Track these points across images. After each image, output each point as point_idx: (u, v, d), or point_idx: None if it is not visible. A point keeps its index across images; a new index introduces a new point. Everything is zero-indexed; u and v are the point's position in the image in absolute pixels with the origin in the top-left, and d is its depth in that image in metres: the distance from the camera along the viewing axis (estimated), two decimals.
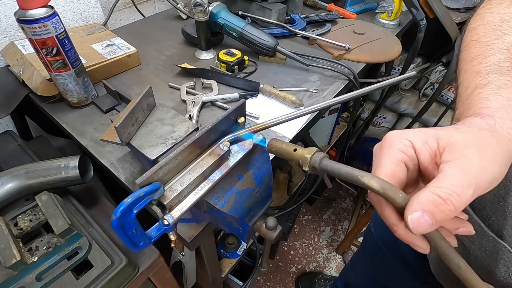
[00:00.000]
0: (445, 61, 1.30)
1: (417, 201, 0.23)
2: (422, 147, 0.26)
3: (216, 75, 0.72)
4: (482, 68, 0.34)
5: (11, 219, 0.46)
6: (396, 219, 0.25)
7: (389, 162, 0.26)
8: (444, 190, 0.22)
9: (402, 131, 0.27)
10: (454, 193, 0.22)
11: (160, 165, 0.31)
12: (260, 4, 0.89)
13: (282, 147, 0.32)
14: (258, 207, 0.40)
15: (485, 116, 0.28)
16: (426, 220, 0.22)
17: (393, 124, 1.72)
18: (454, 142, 0.25)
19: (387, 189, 0.24)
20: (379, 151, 0.28)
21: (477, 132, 0.26)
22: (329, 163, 0.28)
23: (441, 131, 0.26)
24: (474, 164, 0.23)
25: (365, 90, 0.33)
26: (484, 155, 0.24)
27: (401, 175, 0.26)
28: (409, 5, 0.85)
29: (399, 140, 0.27)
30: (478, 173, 0.23)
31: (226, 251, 1.01)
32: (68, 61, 0.58)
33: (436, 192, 0.22)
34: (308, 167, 0.29)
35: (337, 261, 1.57)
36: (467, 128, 0.27)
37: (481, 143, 0.25)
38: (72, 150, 0.76)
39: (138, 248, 0.32)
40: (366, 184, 0.24)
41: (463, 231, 0.27)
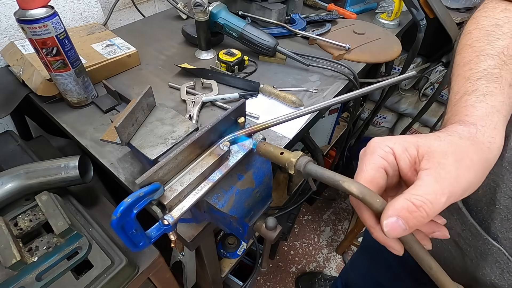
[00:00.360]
0: (445, 61, 1.30)
1: (393, 208, 0.24)
2: (402, 154, 0.27)
3: (216, 75, 0.72)
4: (472, 74, 0.35)
5: (11, 219, 0.46)
6: (374, 222, 0.27)
7: (370, 168, 0.27)
8: (419, 198, 0.24)
9: (385, 138, 0.29)
10: (428, 200, 0.23)
11: (160, 165, 0.31)
12: (260, 4, 0.89)
13: (269, 150, 0.33)
14: (258, 207, 0.40)
15: (468, 124, 0.29)
16: (400, 225, 0.24)
17: (393, 124, 1.72)
18: (433, 150, 0.26)
19: (366, 194, 0.25)
20: (363, 156, 0.29)
21: (457, 141, 0.27)
22: (313, 167, 0.29)
23: (422, 139, 0.27)
24: (449, 173, 0.25)
25: (365, 90, 0.33)
26: (461, 164, 0.25)
27: (380, 180, 0.27)
28: (409, 5, 0.85)
29: (381, 147, 0.28)
30: (452, 182, 0.24)
31: (226, 251, 1.01)
32: (68, 61, 0.58)
33: (410, 199, 0.24)
34: (293, 170, 0.30)
35: (337, 261, 1.57)
36: (448, 137, 0.28)
37: (459, 152, 0.26)
38: (72, 150, 0.76)
39: (138, 248, 0.32)
40: (347, 189, 0.26)
41: (438, 234, 0.28)
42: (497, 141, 0.29)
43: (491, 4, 0.42)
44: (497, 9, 0.40)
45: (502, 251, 0.36)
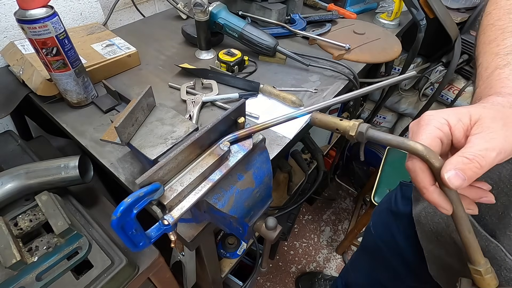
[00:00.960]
0: (445, 61, 1.30)
1: (449, 162, 0.27)
2: (456, 124, 0.29)
3: (216, 75, 0.72)
4: (500, 50, 0.36)
5: (11, 219, 0.46)
6: (428, 183, 0.29)
7: (426, 137, 0.29)
8: (471, 153, 0.26)
9: (438, 111, 0.30)
10: (479, 154, 0.26)
11: (160, 165, 0.31)
12: (260, 4, 0.89)
13: (327, 118, 0.34)
14: (258, 207, 0.40)
15: (506, 95, 0.31)
16: (459, 175, 0.26)
17: (393, 124, 1.72)
18: (483, 117, 0.28)
19: (430, 152, 0.27)
20: (417, 128, 0.31)
21: (501, 109, 0.30)
22: (375, 131, 0.31)
23: (472, 109, 0.29)
24: (498, 134, 0.27)
25: (365, 90, 0.33)
26: (508, 126, 0.27)
27: (436, 149, 0.29)
28: (409, 5, 0.85)
29: (436, 119, 0.30)
30: (501, 140, 0.27)
31: (226, 251, 1.01)
32: (68, 61, 0.58)
33: (463, 155, 0.27)
34: (355, 132, 0.31)
35: (337, 261, 1.57)
36: (493, 106, 0.30)
37: (505, 117, 0.28)
38: (72, 150, 0.76)
39: (138, 248, 0.32)
40: (412, 147, 0.28)
41: (485, 200, 0.31)
42: None
43: None
44: None
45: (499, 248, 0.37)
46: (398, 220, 0.66)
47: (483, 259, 0.30)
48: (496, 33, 0.39)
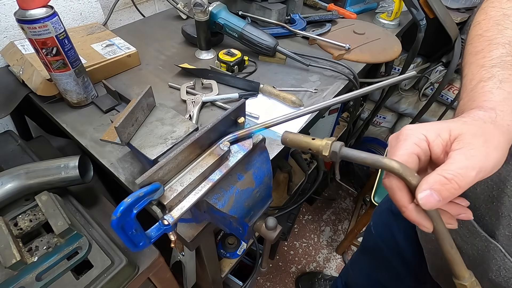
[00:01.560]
0: (445, 61, 1.30)
1: (426, 182, 0.26)
2: (435, 139, 0.29)
3: (216, 75, 0.72)
4: (486, 62, 0.36)
5: (11, 219, 0.46)
6: (407, 201, 0.28)
7: (403, 153, 0.29)
8: (450, 171, 0.26)
9: (417, 125, 0.30)
10: (459, 174, 0.25)
11: (160, 165, 0.31)
12: (260, 4, 0.89)
13: (298, 138, 0.34)
14: (258, 207, 0.40)
15: (487, 109, 0.31)
16: (433, 196, 0.25)
17: (393, 124, 1.72)
18: (464, 132, 0.28)
19: (405, 170, 0.27)
20: (395, 142, 0.30)
21: (482, 124, 0.29)
22: (349, 150, 0.30)
23: (452, 124, 0.29)
24: (479, 151, 0.26)
25: (365, 90, 0.33)
26: (489, 143, 0.27)
27: (413, 165, 0.29)
28: (409, 5, 0.85)
29: (415, 134, 0.29)
30: (482, 158, 0.26)
31: (226, 251, 1.01)
32: (68, 61, 0.58)
33: (442, 174, 0.26)
34: (328, 152, 0.31)
35: (337, 261, 1.57)
36: (473, 121, 0.30)
37: (487, 133, 0.28)
38: (72, 150, 0.76)
39: (138, 248, 0.32)
40: (387, 165, 0.27)
41: (463, 216, 0.31)
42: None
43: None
44: None
45: (499, 248, 0.37)
46: (399, 220, 0.66)
47: (467, 272, 0.29)
48: (483, 44, 0.38)
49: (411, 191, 0.28)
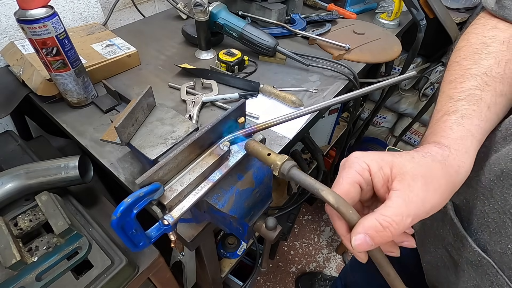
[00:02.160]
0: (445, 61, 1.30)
1: (362, 226, 0.26)
2: (377, 172, 0.29)
3: (216, 75, 0.72)
4: (455, 93, 0.37)
5: (11, 219, 0.46)
6: (345, 231, 0.29)
7: (346, 182, 0.30)
8: (386, 219, 0.26)
9: (363, 153, 0.31)
10: (394, 222, 0.26)
11: (160, 165, 0.31)
12: (260, 4, 0.89)
13: (257, 149, 0.34)
14: (258, 207, 0.40)
15: (442, 146, 0.31)
16: (367, 242, 0.26)
17: (393, 124, 1.72)
18: (404, 172, 0.28)
19: (340, 204, 0.27)
20: (342, 168, 0.31)
21: (429, 163, 0.29)
22: (296, 172, 0.30)
23: (397, 159, 0.29)
24: (417, 196, 0.27)
25: (365, 90, 0.33)
26: (429, 187, 0.28)
27: (354, 194, 0.29)
28: (409, 5, 0.85)
29: (358, 162, 0.30)
30: (419, 205, 0.27)
31: (226, 251, 1.01)
32: (68, 61, 0.58)
33: (379, 220, 0.26)
34: (277, 172, 0.31)
35: (337, 261, 1.57)
36: (422, 158, 0.30)
37: (429, 175, 0.28)
38: (72, 150, 0.76)
39: (138, 248, 0.32)
40: (324, 198, 0.28)
41: (406, 244, 0.31)
42: (466, 165, 0.31)
43: (482, 21, 0.43)
44: (487, 26, 0.41)
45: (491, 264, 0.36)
46: None
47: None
48: (458, 73, 0.38)
49: None
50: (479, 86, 0.36)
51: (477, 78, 0.36)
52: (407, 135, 1.65)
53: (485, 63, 0.37)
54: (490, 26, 0.41)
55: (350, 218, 0.27)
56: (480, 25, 0.42)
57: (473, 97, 0.35)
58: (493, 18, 0.42)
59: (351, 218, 0.27)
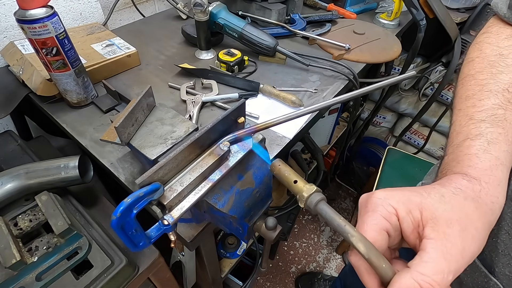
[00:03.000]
0: (445, 61, 1.30)
1: (399, 285, 0.23)
2: (405, 216, 0.26)
3: (216, 75, 0.72)
4: (475, 113, 0.33)
5: (11, 219, 0.46)
6: (375, 285, 0.25)
7: (372, 229, 0.26)
8: (426, 279, 0.23)
9: (388, 194, 0.27)
10: (435, 282, 0.22)
11: (160, 165, 0.31)
12: (260, 4, 0.89)
13: (284, 174, 0.31)
14: (258, 207, 0.40)
15: (472, 179, 0.28)
16: None
17: (393, 124, 1.72)
18: (437, 216, 0.25)
19: (373, 255, 0.24)
20: (364, 211, 0.28)
21: (461, 203, 0.26)
22: (325, 208, 0.27)
23: (426, 200, 0.26)
24: (455, 246, 0.24)
25: (365, 90, 0.33)
26: (466, 234, 0.24)
27: (382, 243, 0.26)
28: (409, 5, 0.85)
29: (384, 205, 0.26)
30: (459, 258, 0.24)
31: (226, 251, 1.01)
32: (68, 61, 0.58)
33: (417, 280, 0.23)
34: (304, 205, 0.29)
35: (337, 261, 1.57)
36: (453, 197, 0.27)
37: (464, 219, 0.25)
38: (72, 150, 0.76)
39: (138, 248, 0.32)
40: (354, 245, 0.24)
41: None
42: (500, 200, 0.28)
43: (494, 29, 0.40)
44: (501, 35, 0.38)
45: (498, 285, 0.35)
46: None
47: None
48: (475, 89, 0.35)
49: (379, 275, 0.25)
50: (502, 105, 0.32)
51: (498, 95, 0.33)
52: (407, 135, 1.65)
53: (505, 77, 0.34)
54: (505, 35, 0.38)
55: (383, 273, 0.24)
56: (493, 34, 0.39)
57: (497, 118, 0.31)
58: (507, 26, 0.38)
59: (384, 273, 0.24)
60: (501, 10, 0.39)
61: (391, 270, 0.24)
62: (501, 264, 0.35)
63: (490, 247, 0.36)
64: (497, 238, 0.35)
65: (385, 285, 0.24)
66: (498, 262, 0.35)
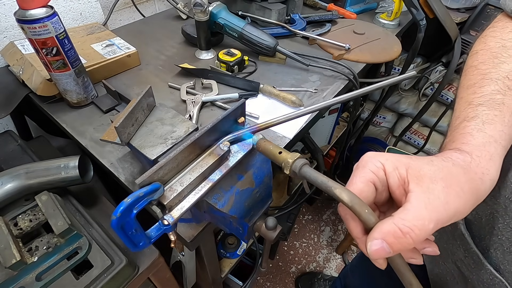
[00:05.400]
0: (445, 61, 1.31)
1: (380, 230, 0.24)
2: (392, 171, 0.27)
3: (216, 75, 0.72)
4: (474, 98, 0.34)
5: (11, 219, 0.46)
6: (360, 233, 0.27)
7: (360, 181, 0.28)
8: (406, 223, 0.24)
9: (377, 154, 0.29)
10: (415, 227, 0.23)
11: (160, 165, 0.31)
12: (260, 4, 0.89)
13: (268, 147, 0.33)
14: (258, 207, 0.40)
15: (463, 152, 0.29)
16: (384, 248, 0.24)
17: (393, 124, 1.72)
18: (422, 175, 0.26)
19: (355, 203, 0.25)
20: (355, 169, 0.30)
21: (449, 166, 0.27)
22: (308, 170, 0.29)
23: (414, 162, 0.27)
24: (438, 198, 0.25)
25: (365, 90, 0.33)
26: (450, 190, 0.25)
27: (368, 194, 0.28)
28: (409, 5, 0.85)
29: (372, 162, 0.28)
30: (441, 209, 0.24)
31: (226, 251, 1.01)
32: (68, 61, 0.58)
33: (398, 225, 0.24)
34: (289, 171, 0.30)
35: (337, 261, 1.57)
36: (441, 162, 0.28)
37: (449, 178, 0.26)
38: (72, 150, 0.76)
39: (138, 248, 0.32)
40: (338, 196, 0.26)
41: (429, 251, 0.29)
42: (491, 173, 0.29)
43: (500, 24, 0.41)
44: (506, 29, 0.39)
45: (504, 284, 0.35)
46: None
47: None
48: (476, 78, 0.36)
49: None
50: (501, 91, 0.33)
51: (498, 82, 0.34)
52: (407, 135, 1.65)
53: (506, 67, 0.35)
54: (509, 29, 0.39)
55: (366, 218, 0.25)
56: (499, 28, 0.40)
57: (495, 102, 0.33)
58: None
59: (367, 218, 0.25)
60: (508, 6, 0.40)
61: (374, 217, 0.25)
62: (506, 261, 0.35)
63: (496, 245, 0.37)
64: (502, 235, 0.36)
65: (369, 231, 0.25)
66: (503, 260, 0.36)
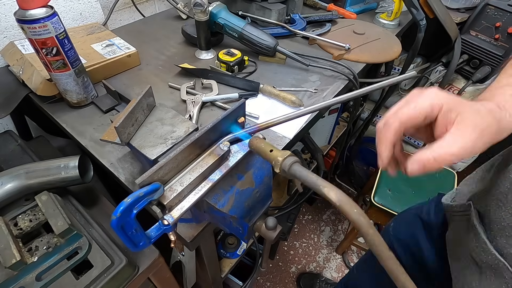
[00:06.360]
0: (445, 61, 1.30)
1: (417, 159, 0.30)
2: (446, 113, 0.31)
3: (216, 75, 0.72)
4: None
5: (11, 219, 0.46)
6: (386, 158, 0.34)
7: (419, 107, 0.32)
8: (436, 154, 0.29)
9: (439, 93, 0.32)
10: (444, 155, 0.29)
11: (160, 165, 0.31)
12: (260, 4, 0.89)
13: (260, 146, 0.33)
14: (258, 207, 0.40)
15: (501, 107, 0.33)
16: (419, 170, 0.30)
17: None
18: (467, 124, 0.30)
19: (344, 202, 0.26)
20: (417, 94, 0.33)
21: (486, 113, 0.31)
22: (298, 168, 0.29)
23: (466, 111, 0.31)
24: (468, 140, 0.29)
25: (365, 90, 0.33)
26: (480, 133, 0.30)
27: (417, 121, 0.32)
28: (409, 5, 0.85)
29: (436, 97, 0.32)
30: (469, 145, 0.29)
31: (226, 251, 1.01)
32: (68, 61, 0.58)
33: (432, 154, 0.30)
34: (279, 169, 0.30)
35: (337, 261, 1.57)
36: (480, 107, 0.32)
37: (484, 123, 0.30)
38: (72, 150, 0.76)
39: (138, 248, 0.32)
40: (326, 195, 0.26)
41: None
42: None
43: None
44: None
45: (506, 266, 0.38)
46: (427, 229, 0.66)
47: None
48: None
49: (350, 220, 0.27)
50: None
51: None
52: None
53: None
54: None
55: (355, 218, 0.25)
56: None
57: None
58: None
59: (356, 218, 0.25)
60: None
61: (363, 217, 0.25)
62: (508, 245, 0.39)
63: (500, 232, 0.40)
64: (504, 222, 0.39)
65: None
66: (506, 244, 0.39)
